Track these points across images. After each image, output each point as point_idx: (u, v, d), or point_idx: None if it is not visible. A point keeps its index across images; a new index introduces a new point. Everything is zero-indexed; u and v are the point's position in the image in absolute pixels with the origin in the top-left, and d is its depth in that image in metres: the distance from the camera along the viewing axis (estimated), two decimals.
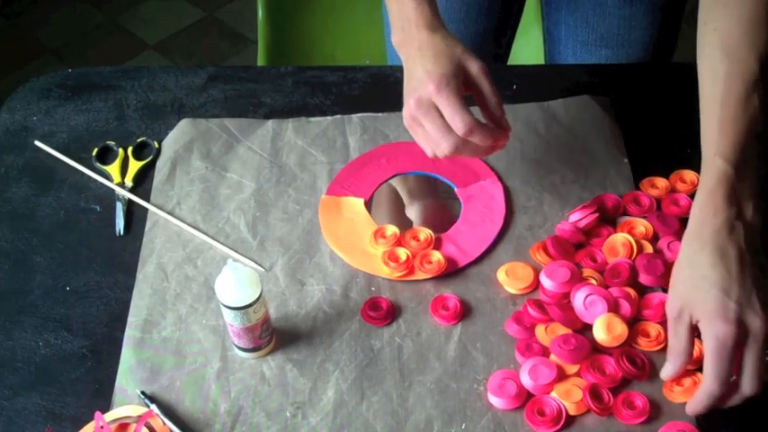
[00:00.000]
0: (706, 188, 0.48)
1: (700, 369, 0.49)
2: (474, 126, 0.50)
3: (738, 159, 0.48)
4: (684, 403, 0.49)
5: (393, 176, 0.64)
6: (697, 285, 0.47)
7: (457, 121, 0.49)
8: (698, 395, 0.47)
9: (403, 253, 0.57)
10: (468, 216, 0.60)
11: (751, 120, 0.48)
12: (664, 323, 0.53)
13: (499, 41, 0.81)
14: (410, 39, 0.53)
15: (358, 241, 0.59)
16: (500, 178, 0.63)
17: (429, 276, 0.56)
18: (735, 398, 0.47)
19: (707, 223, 0.48)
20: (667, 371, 0.49)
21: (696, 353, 0.50)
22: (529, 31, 0.89)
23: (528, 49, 0.92)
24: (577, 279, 0.55)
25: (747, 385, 0.47)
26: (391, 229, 0.59)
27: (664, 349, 0.53)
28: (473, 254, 0.58)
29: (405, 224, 0.61)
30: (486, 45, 0.79)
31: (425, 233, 0.59)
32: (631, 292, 0.55)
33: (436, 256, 0.57)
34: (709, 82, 0.50)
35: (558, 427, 0.49)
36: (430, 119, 0.50)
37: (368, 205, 0.62)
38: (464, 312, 0.55)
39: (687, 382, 0.51)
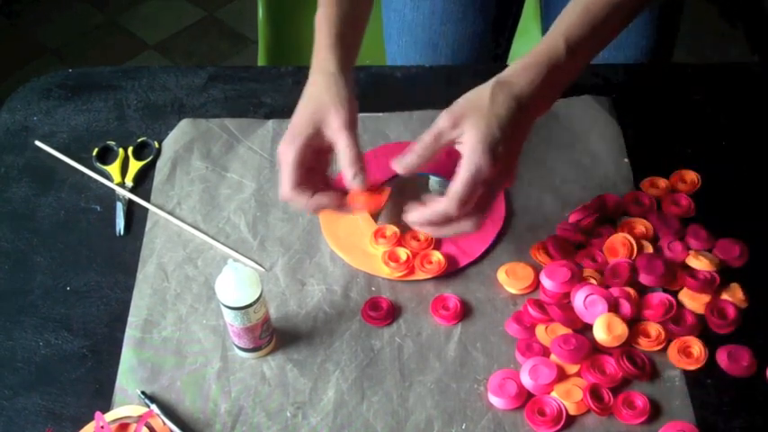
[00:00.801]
0: (537, 50, 0.51)
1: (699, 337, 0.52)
2: (290, 196, 0.51)
3: (578, 47, 0.50)
4: (685, 370, 0.51)
5: (392, 177, 0.64)
6: (485, 116, 0.48)
7: (282, 184, 0.51)
8: (432, 207, 0.49)
9: (403, 253, 0.57)
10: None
11: (604, 26, 0.51)
12: (664, 323, 0.54)
13: (498, 41, 0.81)
14: (308, 82, 0.55)
15: (358, 241, 0.59)
16: None
17: (429, 276, 0.56)
18: (452, 227, 0.49)
19: (519, 77, 0.50)
20: (406, 161, 0.50)
21: (690, 320, 0.51)
22: (528, 32, 0.89)
23: (527, 49, 0.91)
24: (577, 279, 0.55)
25: (471, 223, 0.49)
26: (391, 230, 0.59)
27: (664, 349, 0.53)
28: (474, 253, 0.58)
29: (405, 224, 0.61)
30: (484, 45, 0.79)
31: (425, 233, 0.59)
32: (631, 291, 0.55)
33: (436, 256, 0.57)
34: None
35: (559, 427, 0.49)
36: (284, 164, 0.52)
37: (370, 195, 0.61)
38: (464, 312, 0.55)
39: (696, 350, 0.51)
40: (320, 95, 0.53)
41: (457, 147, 0.49)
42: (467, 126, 0.49)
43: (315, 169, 0.53)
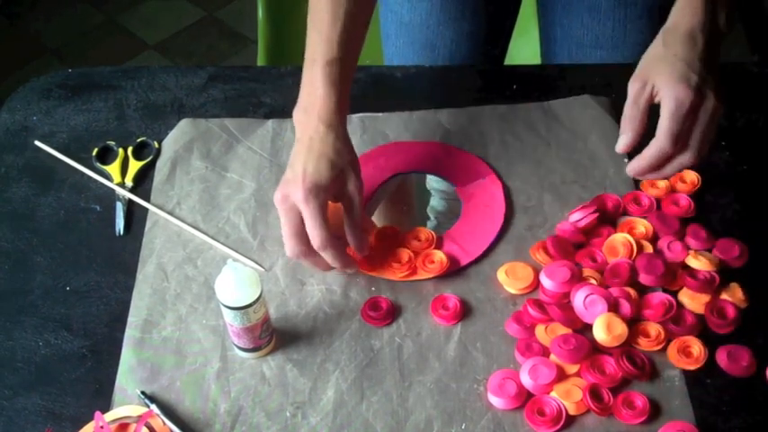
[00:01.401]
0: (683, 3, 0.53)
1: (699, 337, 0.52)
2: (329, 244, 0.51)
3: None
4: (684, 370, 0.51)
5: (392, 177, 0.64)
6: (665, 59, 0.52)
7: (314, 235, 0.51)
8: (647, 151, 0.51)
9: (405, 253, 0.57)
10: (468, 214, 0.60)
11: None
12: (664, 323, 0.54)
13: (495, 42, 0.81)
14: (307, 124, 0.54)
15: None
16: (499, 177, 0.63)
17: (431, 276, 0.56)
18: (673, 164, 0.52)
19: (684, 20, 0.52)
20: (623, 142, 0.53)
21: (690, 320, 0.52)
22: (526, 32, 0.89)
23: (525, 49, 0.91)
24: (577, 279, 0.55)
25: (689, 153, 0.51)
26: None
27: (664, 349, 0.53)
28: (475, 252, 0.58)
29: (405, 224, 0.61)
30: (482, 45, 0.79)
31: (426, 232, 0.59)
32: (631, 291, 0.55)
33: (438, 255, 0.57)
34: None
35: (558, 426, 0.49)
36: (288, 219, 0.52)
37: (367, 206, 0.62)
38: (464, 312, 0.55)
39: (695, 350, 0.51)
40: (337, 155, 0.52)
41: (656, 100, 0.52)
42: (654, 76, 0.51)
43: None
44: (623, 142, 0.53)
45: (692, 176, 0.62)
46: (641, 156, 0.52)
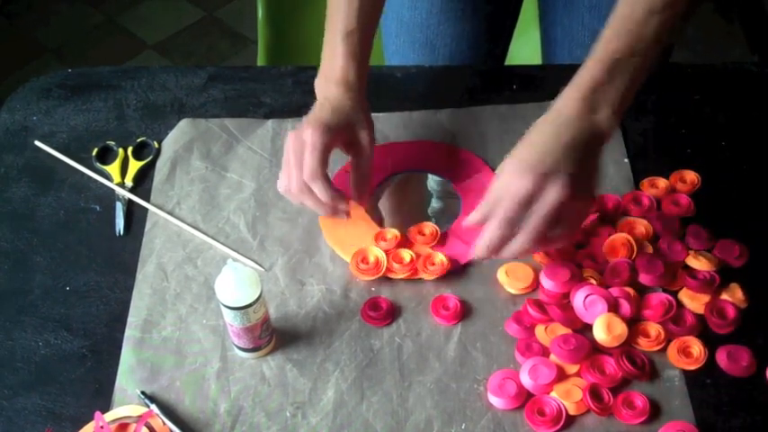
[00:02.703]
0: (575, 82, 0.51)
1: (699, 337, 0.52)
2: (319, 176, 0.53)
3: (617, 66, 0.50)
4: (684, 369, 0.51)
5: (388, 177, 0.64)
6: (526, 147, 0.50)
7: (307, 164, 0.53)
8: (484, 236, 0.50)
9: (407, 254, 0.57)
10: (468, 209, 0.60)
11: (640, 38, 0.50)
12: (664, 323, 0.54)
13: (496, 41, 0.81)
14: (325, 88, 0.57)
15: (359, 241, 0.59)
16: (494, 171, 0.63)
17: (432, 278, 0.56)
18: (507, 248, 0.50)
19: (561, 110, 0.51)
20: (473, 215, 0.51)
21: (690, 320, 0.52)
22: (527, 32, 0.89)
23: (526, 49, 0.91)
24: (577, 279, 0.55)
25: (520, 237, 0.49)
26: (392, 232, 0.59)
27: (664, 349, 0.53)
28: (473, 253, 0.58)
29: (404, 224, 0.61)
30: (482, 44, 0.79)
31: (431, 227, 0.59)
32: (631, 291, 0.54)
33: (439, 257, 0.57)
34: (619, 3, 0.52)
35: (558, 426, 0.49)
36: (293, 155, 0.54)
37: (366, 207, 0.62)
38: (464, 312, 0.55)
39: (695, 350, 0.51)
40: (351, 109, 0.56)
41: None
42: (511, 160, 0.50)
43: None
44: (480, 248, 0.51)
45: (691, 176, 0.62)
46: (480, 240, 0.50)
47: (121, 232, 0.60)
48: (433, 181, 0.65)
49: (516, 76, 0.72)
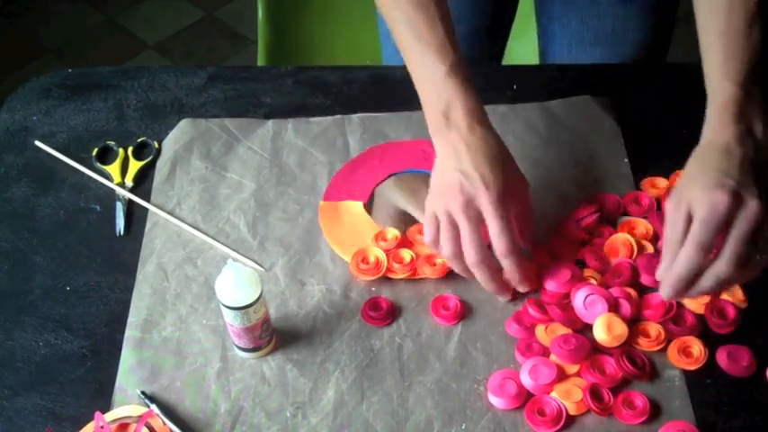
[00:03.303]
0: (716, 109, 0.49)
1: (699, 337, 0.52)
2: (515, 251, 0.49)
3: (746, 81, 0.48)
4: (686, 370, 0.50)
5: (388, 177, 0.64)
6: (699, 173, 0.47)
7: (503, 239, 0.48)
8: (675, 267, 0.46)
9: (407, 254, 0.57)
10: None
11: (753, 49, 0.49)
12: (664, 323, 0.53)
13: (494, 40, 0.80)
14: (456, 132, 0.50)
15: (359, 241, 0.59)
16: None
17: (433, 277, 0.56)
18: (707, 277, 0.46)
19: (716, 135, 0.48)
20: (663, 267, 0.48)
21: (690, 320, 0.51)
22: (525, 31, 0.89)
23: (523, 48, 0.91)
24: (578, 280, 0.55)
25: (722, 263, 0.45)
26: (392, 233, 0.58)
27: (664, 349, 0.53)
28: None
29: (405, 224, 0.61)
30: (480, 44, 0.78)
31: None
32: (632, 291, 0.54)
33: (440, 258, 0.57)
34: (710, 16, 0.50)
35: (559, 427, 0.49)
36: (471, 226, 0.48)
37: (366, 207, 0.62)
38: (464, 312, 0.55)
39: (696, 350, 0.51)
40: (506, 154, 0.50)
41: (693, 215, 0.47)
42: (688, 191, 0.46)
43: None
44: (664, 267, 0.48)
45: None
46: (671, 273, 0.46)
47: (122, 232, 0.60)
48: None
49: (516, 75, 0.72)
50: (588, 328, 0.53)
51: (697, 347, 0.52)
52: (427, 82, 0.52)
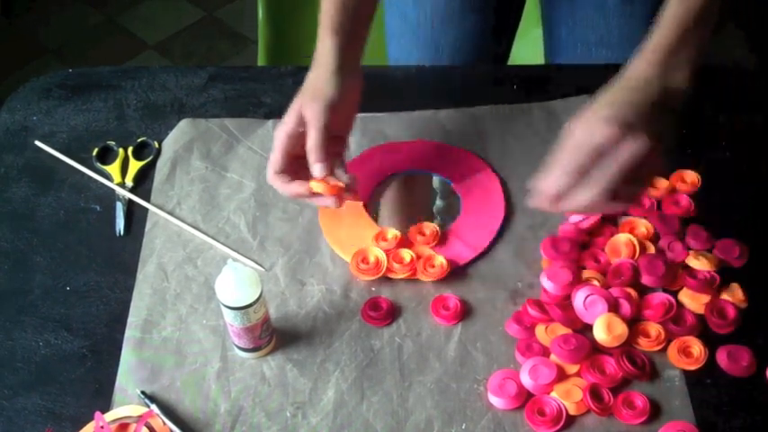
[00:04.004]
0: (648, 48, 0.50)
1: (699, 337, 0.52)
2: (272, 178, 0.54)
3: (689, 23, 0.50)
4: (684, 370, 0.51)
5: (388, 177, 0.64)
6: (598, 103, 0.48)
7: (268, 165, 0.54)
8: (542, 183, 0.48)
9: (407, 254, 0.57)
10: (469, 210, 0.60)
11: (704, 4, 0.50)
12: (664, 323, 0.53)
13: (499, 41, 0.80)
14: (316, 75, 0.55)
15: (359, 241, 0.59)
16: (494, 171, 0.63)
17: (432, 280, 0.56)
18: (567, 199, 0.47)
19: (632, 74, 0.50)
20: (539, 179, 0.48)
21: (690, 320, 0.51)
22: (530, 31, 0.89)
23: (529, 49, 0.91)
24: (578, 281, 0.55)
25: (583, 189, 0.46)
26: (392, 233, 0.58)
27: (664, 349, 0.53)
28: (480, 246, 0.58)
29: (405, 224, 0.61)
30: (485, 44, 0.78)
31: (431, 227, 0.58)
32: (632, 292, 0.54)
33: (439, 259, 0.57)
34: None
35: (559, 427, 0.49)
36: (288, 126, 0.53)
37: (366, 208, 0.62)
38: (465, 312, 0.55)
39: (696, 350, 0.51)
40: (311, 88, 0.54)
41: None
42: (583, 118, 0.48)
43: (302, 157, 0.54)
44: (539, 180, 0.49)
45: (692, 177, 0.62)
46: (538, 186, 0.48)
47: (122, 232, 0.60)
48: (437, 181, 0.65)
49: (517, 76, 0.71)
50: (588, 328, 0.53)
51: (697, 347, 0.52)
52: (321, 30, 0.56)
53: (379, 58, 0.88)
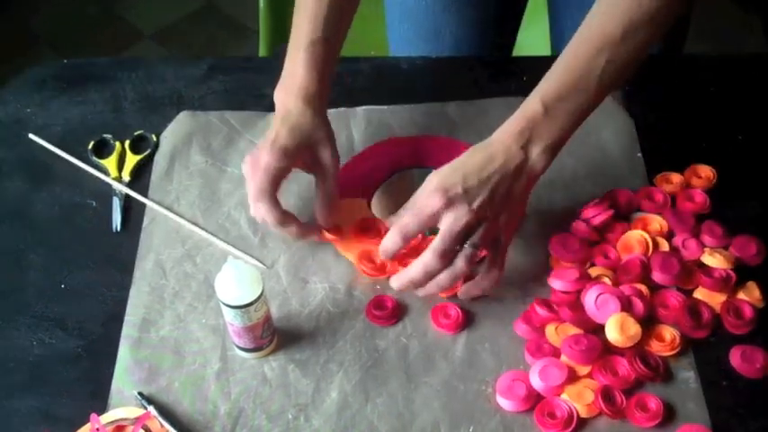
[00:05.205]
0: (513, 118, 0.51)
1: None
2: (262, 198, 0.52)
3: (554, 101, 0.51)
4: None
5: (393, 174, 0.63)
6: (450, 166, 0.50)
7: (254, 185, 0.52)
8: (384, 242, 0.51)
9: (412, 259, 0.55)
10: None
11: (586, 77, 0.50)
12: (678, 325, 0.52)
13: (502, 30, 0.79)
14: (285, 100, 0.55)
15: (364, 241, 0.57)
16: None
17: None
18: (431, 285, 0.51)
19: (493, 140, 0.51)
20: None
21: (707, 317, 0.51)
22: (536, 23, 0.88)
23: (534, 40, 0.90)
24: (587, 279, 0.54)
25: (425, 253, 0.50)
26: (380, 257, 0.55)
27: (677, 355, 0.51)
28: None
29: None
30: (488, 33, 0.77)
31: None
32: (643, 288, 0.53)
33: None
34: (573, 37, 0.52)
35: (569, 430, 0.48)
36: (253, 181, 0.53)
37: (370, 205, 0.60)
38: (466, 321, 0.53)
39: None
40: (308, 126, 0.54)
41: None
42: (433, 178, 0.50)
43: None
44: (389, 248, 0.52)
45: (707, 171, 0.61)
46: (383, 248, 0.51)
47: (118, 228, 0.59)
48: None
49: (526, 66, 0.70)
50: (600, 329, 0.52)
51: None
52: (291, 50, 0.56)
53: (378, 46, 0.87)
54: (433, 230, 0.51)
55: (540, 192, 0.60)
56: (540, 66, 0.71)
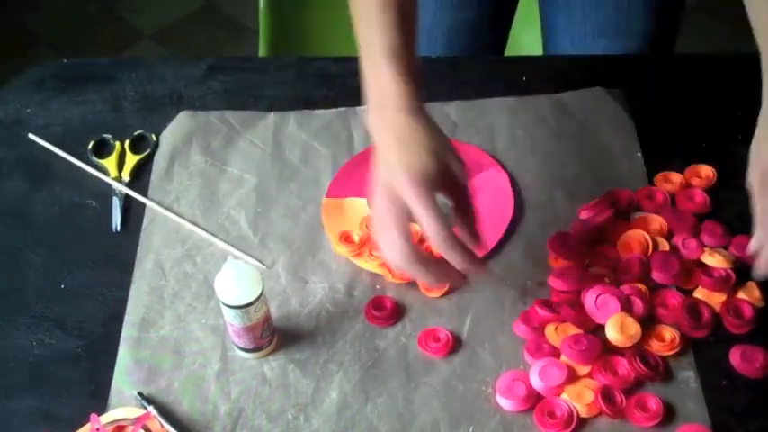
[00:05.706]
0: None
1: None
2: (453, 241, 0.44)
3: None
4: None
5: None
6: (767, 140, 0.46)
7: (437, 230, 0.43)
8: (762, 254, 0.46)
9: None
10: (477, 206, 0.59)
11: None
12: (678, 325, 0.52)
13: (495, 29, 0.79)
14: (385, 121, 0.46)
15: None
16: (504, 167, 0.61)
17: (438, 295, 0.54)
18: None
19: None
20: (754, 243, 0.47)
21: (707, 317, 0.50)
22: (527, 21, 0.88)
23: (526, 38, 0.90)
24: (587, 278, 0.54)
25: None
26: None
27: (677, 355, 0.51)
28: (488, 245, 0.56)
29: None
30: (479, 32, 0.77)
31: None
32: (642, 287, 0.53)
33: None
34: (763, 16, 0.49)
35: (569, 429, 0.48)
36: (399, 223, 0.44)
37: (370, 206, 0.60)
38: (455, 345, 0.51)
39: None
40: (434, 142, 0.45)
41: None
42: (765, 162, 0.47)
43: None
44: (755, 242, 0.47)
45: (707, 171, 0.61)
46: (760, 259, 0.47)
47: (118, 228, 0.59)
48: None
49: (525, 66, 0.70)
50: (600, 328, 0.52)
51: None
52: (369, 69, 0.48)
53: None
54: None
55: (539, 191, 0.61)
56: (539, 65, 0.72)
